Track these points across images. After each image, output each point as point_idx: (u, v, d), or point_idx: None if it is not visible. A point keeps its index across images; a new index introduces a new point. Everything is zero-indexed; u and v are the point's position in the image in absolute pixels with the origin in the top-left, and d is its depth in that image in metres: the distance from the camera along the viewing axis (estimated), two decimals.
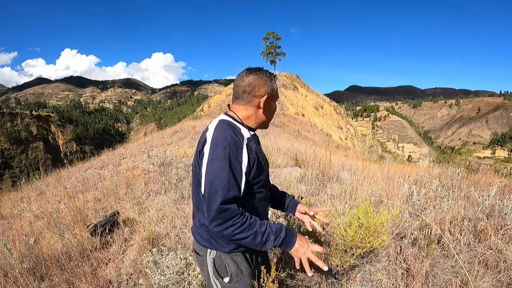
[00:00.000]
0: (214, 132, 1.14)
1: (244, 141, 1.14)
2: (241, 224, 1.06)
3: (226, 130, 1.14)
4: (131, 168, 5.95)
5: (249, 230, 1.07)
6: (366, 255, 2.08)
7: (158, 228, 3.01)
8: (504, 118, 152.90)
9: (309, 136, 17.90)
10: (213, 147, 1.10)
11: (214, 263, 1.22)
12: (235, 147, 1.10)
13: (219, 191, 1.05)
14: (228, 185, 1.05)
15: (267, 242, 1.10)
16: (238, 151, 1.11)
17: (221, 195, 1.04)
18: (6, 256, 2.61)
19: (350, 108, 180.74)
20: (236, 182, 1.08)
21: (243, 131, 1.19)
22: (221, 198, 1.04)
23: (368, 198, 2.05)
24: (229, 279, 1.22)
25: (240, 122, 1.23)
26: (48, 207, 4.46)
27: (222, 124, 1.17)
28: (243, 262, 1.23)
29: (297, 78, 46.04)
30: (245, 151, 1.13)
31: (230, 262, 1.21)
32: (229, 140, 1.10)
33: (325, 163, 4.97)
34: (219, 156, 1.08)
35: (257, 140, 1.32)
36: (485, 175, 3.92)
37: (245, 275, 1.24)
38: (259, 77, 1.22)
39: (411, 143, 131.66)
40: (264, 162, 1.27)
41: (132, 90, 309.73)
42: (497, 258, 1.99)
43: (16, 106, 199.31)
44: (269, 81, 1.23)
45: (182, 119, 37.26)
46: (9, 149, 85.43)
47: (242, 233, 1.06)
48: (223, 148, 1.08)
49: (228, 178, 1.06)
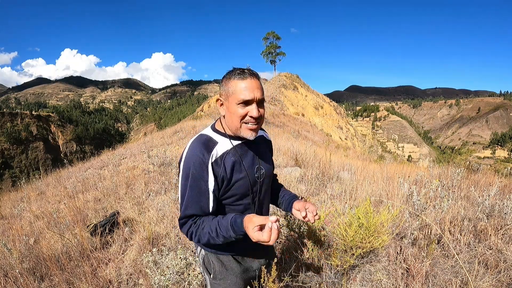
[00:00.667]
0: (187, 151, 1.15)
1: (210, 160, 1.10)
2: (195, 233, 1.11)
3: (195, 148, 1.13)
4: (131, 168, 5.94)
5: (204, 236, 1.10)
6: (366, 255, 2.08)
7: (158, 228, 3.01)
8: (504, 118, 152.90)
9: (309, 136, 17.89)
10: (183, 165, 1.14)
11: (203, 260, 1.30)
12: (199, 166, 1.10)
13: (182, 207, 1.13)
14: (187, 203, 1.11)
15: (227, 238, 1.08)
16: (203, 170, 1.10)
17: (182, 211, 1.12)
18: (6, 256, 2.61)
19: (350, 108, 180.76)
20: (196, 201, 1.11)
21: (219, 146, 1.14)
22: (181, 214, 1.13)
23: (368, 198, 2.05)
24: (213, 276, 1.27)
25: (223, 133, 1.18)
26: (48, 207, 4.46)
27: (196, 140, 1.16)
28: (230, 261, 1.27)
29: (297, 78, 46.04)
30: (211, 170, 1.10)
31: (214, 260, 1.27)
32: (193, 160, 1.10)
33: (325, 163, 4.97)
34: (184, 174, 1.12)
35: (247, 148, 1.21)
36: (485, 175, 3.92)
37: (230, 274, 1.27)
38: (222, 78, 1.14)
39: (411, 143, 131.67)
40: (245, 174, 1.18)
41: (132, 90, 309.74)
42: (497, 258, 1.99)
43: (16, 106, 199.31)
44: (226, 81, 1.12)
45: (182, 119, 37.27)
46: (9, 149, 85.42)
47: (200, 239, 1.11)
48: (187, 168, 1.11)
49: (188, 196, 1.11)
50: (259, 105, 1.13)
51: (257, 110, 1.11)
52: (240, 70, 1.11)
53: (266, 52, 48.79)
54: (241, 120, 1.12)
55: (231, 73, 1.12)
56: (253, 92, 1.09)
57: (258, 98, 1.11)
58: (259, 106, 1.13)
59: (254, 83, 1.11)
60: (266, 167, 1.29)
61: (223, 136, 1.17)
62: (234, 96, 1.10)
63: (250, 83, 1.09)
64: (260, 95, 1.12)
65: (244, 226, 1.02)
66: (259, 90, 1.12)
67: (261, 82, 1.18)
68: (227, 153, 1.15)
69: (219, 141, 1.15)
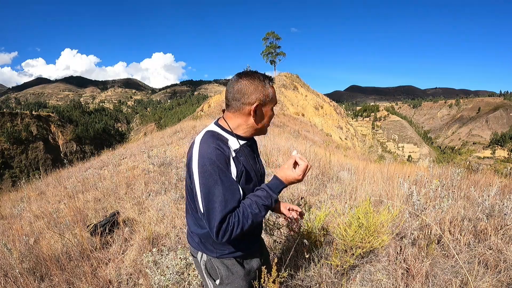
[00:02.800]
0: (199, 147, 1.09)
1: (231, 153, 1.11)
2: (238, 222, 1.05)
3: (211, 144, 1.09)
4: (131, 168, 5.95)
5: (247, 219, 1.06)
6: (366, 255, 2.08)
7: (158, 228, 3.01)
8: (504, 118, 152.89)
9: (309, 136, 17.89)
10: (201, 163, 1.06)
11: (206, 266, 1.25)
12: (223, 160, 1.07)
13: (217, 208, 1.04)
14: (224, 200, 1.04)
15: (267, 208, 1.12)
16: (227, 163, 1.08)
17: (220, 211, 1.03)
18: (6, 256, 2.60)
19: (350, 108, 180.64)
20: (232, 193, 1.07)
21: (230, 143, 1.14)
22: (221, 214, 1.03)
23: (368, 198, 2.05)
24: (220, 281, 1.24)
25: (229, 131, 1.17)
26: (48, 207, 4.46)
27: (207, 136, 1.13)
28: (234, 265, 1.25)
29: (297, 78, 46.04)
30: (233, 163, 1.11)
31: (219, 265, 1.23)
32: (215, 153, 1.06)
33: (325, 163, 4.97)
34: (208, 172, 1.05)
35: (250, 149, 1.25)
36: (485, 175, 3.92)
37: (237, 277, 1.25)
38: (250, 82, 1.12)
39: (411, 143, 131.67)
40: (254, 173, 1.21)
41: (132, 90, 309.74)
42: (497, 258, 1.99)
43: (16, 106, 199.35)
44: (262, 86, 1.14)
45: (182, 119, 37.26)
46: (9, 149, 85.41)
47: (243, 227, 1.06)
48: (211, 164, 1.05)
49: (223, 193, 1.05)
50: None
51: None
52: (268, 77, 1.18)
53: (266, 52, 48.77)
54: (269, 121, 1.23)
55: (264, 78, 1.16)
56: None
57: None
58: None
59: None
60: (263, 166, 1.35)
61: (231, 134, 1.17)
62: (272, 101, 1.18)
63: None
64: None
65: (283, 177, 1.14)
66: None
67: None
68: (237, 151, 1.16)
69: (229, 139, 1.16)
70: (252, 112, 1.14)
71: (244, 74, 1.14)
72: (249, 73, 1.15)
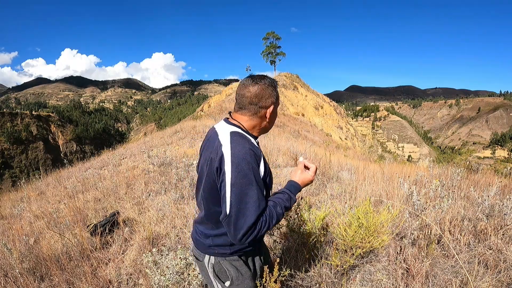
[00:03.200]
0: (232, 147, 1.10)
1: (261, 154, 1.17)
2: (265, 222, 1.09)
3: (244, 144, 1.13)
4: (131, 168, 5.95)
5: (272, 220, 1.11)
6: (366, 255, 2.08)
7: (158, 228, 3.01)
8: (504, 118, 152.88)
9: (309, 136, 17.89)
10: (236, 163, 1.07)
11: (214, 269, 1.26)
12: (256, 161, 1.12)
13: (250, 208, 1.05)
14: (258, 201, 1.07)
15: (288, 209, 1.19)
16: (259, 163, 1.13)
17: (254, 212, 1.05)
18: (6, 256, 2.60)
19: (350, 108, 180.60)
20: (263, 194, 1.11)
21: (253, 142, 1.21)
22: (255, 215, 1.05)
23: (368, 198, 2.05)
24: (230, 283, 1.25)
25: (246, 131, 1.23)
26: (48, 207, 4.46)
27: (237, 137, 1.15)
28: (242, 266, 1.26)
29: (297, 78, 46.05)
30: (263, 163, 1.16)
31: (229, 267, 1.24)
32: (250, 154, 1.10)
33: (325, 163, 4.97)
34: (244, 172, 1.06)
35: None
36: (485, 175, 3.92)
37: (246, 278, 1.27)
38: (265, 87, 1.19)
39: (411, 143, 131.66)
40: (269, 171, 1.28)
41: (132, 90, 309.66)
42: (497, 258, 1.99)
43: (16, 106, 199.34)
44: (274, 91, 1.22)
45: (182, 119, 37.26)
46: (9, 149, 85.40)
47: (269, 226, 1.10)
48: (246, 164, 1.08)
49: (257, 194, 1.07)
50: None
51: None
52: (275, 80, 1.26)
53: (266, 52, 48.78)
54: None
55: (273, 82, 1.23)
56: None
57: None
58: None
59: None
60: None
61: (249, 134, 1.23)
62: (278, 102, 1.28)
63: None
64: None
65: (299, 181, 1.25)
66: None
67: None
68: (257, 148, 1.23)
69: (251, 139, 1.22)
70: (267, 114, 1.23)
71: (258, 78, 1.20)
72: (261, 77, 1.22)
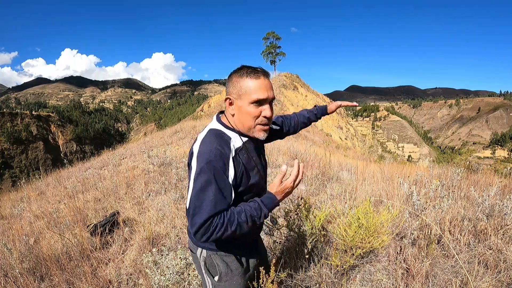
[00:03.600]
0: (200, 145, 1.08)
1: (231, 154, 1.08)
2: (222, 224, 1.02)
3: (212, 143, 1.07)
4: (131, 168, 5.95)
5: (231, 225, 1.03)
6: (366, 255, 2.08)
7: (158, 228, 3.01)
8: (504, 118, 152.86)
9: (309, 136, 17.88)
10: (199, 161, 1.05)
11: (205, 262, 1.24)
12: (221, 160, 1.05)
13: (205, 205, 1.01)
14: (214, 200, 1.02)
15: (255, 222, 1.07)
16: (225, 164, 1.05)
17: (208, 211, 1.01)
18: (6, 256, 2.60)
19: (350, 108, 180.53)
20: (223, 196, 1.04)
21: (233, 141, 1.12)
22: (208, 213, 1.01)
23: (368, 198, 2.05)
24: (219, 278, 1.23)
25: (232, 128, 1.15)
26: (48, 207, 4.46)
27: (210, 134, 1.11)
28: (233, 262, 1.24)
29: (297, 78, 46.03)
30: (232, 164, 1.07)
31: (219, 262, 1.22)
32: (215, 153, 1.04)
33: (325, 163, 4.97)
34: (204, 170, 1.03)
35: (253, 147, 1.21)
36: (485, 175, 3.92)
37: (235, 275, 1.24)
38: (230, 77, 1.11)
39: (411, 143, 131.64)
40: (257, 170, 1.19)
41: (132, 90, 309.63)
42: (497, 258, 1.99)
43: (16, 106, 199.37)
44: (236, 79, 1.09)
45: (182, 119, 37.24)
46: (9, 149, 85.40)
47: (225, 232, 1.03)
48: (208, 162, 1.03)
49: (215, 193, 1.02)
50: (271, 105, 1.13)
51: (270, 110, 1.11)
52: (253, 68, 1.09)
53: (266, 52, 48.80)
54: (255, 120, 1.11)
55: (242, 71, 1.09)
56: (267, 92, 1.08)
57: (272, 97, 1.11)
58: (270, 106, 1.13)
59: (267, 82, 1.09)
60: (266, 163, 1.33)
61: (233, 131, 1.15)
62: (247, 96, 1.07)
63: (264, 82, 1.08)
64: (273, 94, 1.12)
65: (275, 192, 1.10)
66: (271, 90, 1.11)
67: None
68: (240, 149, 1.13)
69: (232, 137, 1.13)
70: (228, 103, 1.13)
71: (235, 69, 1.13)
72: (239, 67, 1.12)
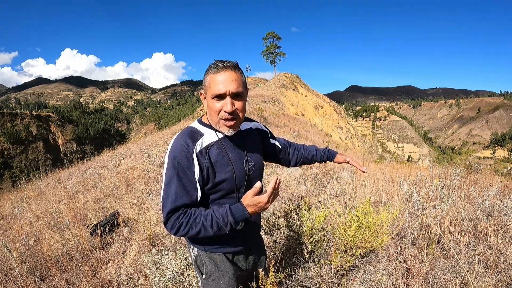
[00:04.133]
0: (171, 143, 1.14)
1: (194, 150, 1.10)
2: (186, 223, 1.06)
3: (180, 139, 1.12)
4: (131, 168, 5.95)
5: (196, 226, 1.06)
6: (366, 255, 2.08)
7: (158, 228, 3.01)
8: (504, 118, 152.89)
9: (309, 136, 17.88)
10: (168, 157, 1.12)
11: (196, 260, 1.26)
12: (185, 156, 1.09)
13: (169, 199, 1.07)
14: (176, 194, 1.06)
15: (221, 229, 1.08)
16: (188, 159, 1.09)
17: (170, 203, 1.06)
18: (6, 256, 2.61)
19: (350, 108, 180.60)
20: (186, 190, 1.08)
21: (205, 138, 1.14)
22: (170, 206, 1.06)
23: (368, 198, 2.05)
24: (205, 277, 1.24)
25: (209, 125, 1.18)
26: (48, 207, 4.46)
27: (182, 132, 1.16)
28: (223, 261, 1.23)
29: (297, 78, 46.03)
30: (196, 159, 1.09)
31: (207, 260, 1.23)
32: (179, 150, 1.09)
33: (325, 163, 4.97)
34: (169, 165, 1.10)
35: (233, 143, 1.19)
36: (485, 175, 3.92)
37: (223, 275, 1.23)
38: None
39: (411, 143, 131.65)
40: (230, 169, 1.15)
41: (132, 90, 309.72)
42: (497, 258, 1.99)
43: (16, 106, 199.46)
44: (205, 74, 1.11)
45: (182, 119, 37.25)
46: (9, 149, 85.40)
47: (190, 230, 1.06)
48: (173, 159, 1.09)
49: (177, 187, 1.07)
50: (235, 99, 1.09)
51: (230, 104, 1.07)
52: (215, 63, 1.08)
53: (266, 52, 48.85)
54: (218, 115, 1.10)
55: (211, 66, 1.09)
56: (226, 86, 1.05)
57: (232, 91, 1.06)
58: (235, 100, 1.09)
59: (229, 75, 1.05)
60: (256, 159, 1.26)
61: (209, 128, 1.17)
62: (209, 90, 1.08)
63: (224, 76, 1.05)
64: (235, 88, 1.06)
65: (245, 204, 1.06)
66: (233, 83, 1.06)
67: (241, 73, 1.12)
68: (212, 144, 1.14)
69: (205, 133, 1.15)
70: (202, 98, 1.17)
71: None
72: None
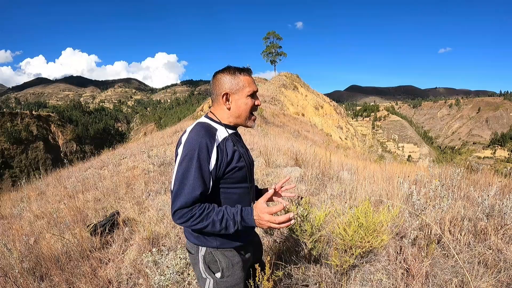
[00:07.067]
0: (189, 135, 1.20)
1: (215, 143, 1.19)
2: (199, 215, 1.12)
3: (199, 132, 1.19)
4: (131, 168, 5.95)
5: (206, 219, 1.12)
6: (365, 255, 2.08)
7: (158, 228, 3.01)
8: (504, 118, 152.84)
9: (309, 136, 17.89)
10: (186, 148, 1.17)
11: (204, 260, 1.26)
12: (206, 149, 1.16)
13: (185, 189, 1.13)
14: (193, 185, 1.13)
15: (228, 227, 1.14)
16: (208, 153, 1.16)
17: (187, 193, 1.12)
18: (6, 256, 2.61)
19: (350, 108, 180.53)
20: (204, 181, 1.15)
21: (219, 132, 1.24)
22: (187, 196, 1.12)
23: (368, 198, 2.05)
24: (221, 274, 1.25)
25: (218, 122, 1.28)
26: (48, 207, 4.46)
27: (197, 126, 1.23)
28: (235, 256, 1.27)
29: (297, 78, 46.00)
30: (215, 152, 1.18)
31: (221, 257, 1.25)
32: (199, 142, 1.15)
33: (325, 163, 4.97)
34: (189, 157, 1.15)
35: (239, 138, 1.35)
36: (485, 175, 3.92)
37: (237, 268, 1.27)
38: (221, 75, 1.27)
39: (411, 143, 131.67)
40: (244, 158, 1.28)
41: (132, 90, 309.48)
42: (497, 258, 1.99)
43: (16, 106, 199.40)
44: (230, 77, 1.26)
45: (182, 119, 37.26)
46: (9, 149, 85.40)
47: (200, 223, 1.12)
48: (192, 150, 1.15)
49: (195, 178, 1.13)
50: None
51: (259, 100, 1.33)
52: (245, 68, 1.29)
53: (266, 52, 48.80)
54: (251, 111, 1.30)
55: (234, 69, 1.27)
56: (255, 86, 1.31)
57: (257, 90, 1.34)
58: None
59: (252, 77, 1.32)
60: (251, 156, 1.41)
61: (219, 124, 1.28)
62: (244, 89, 1.27)
63: (252, 78, 1.31)
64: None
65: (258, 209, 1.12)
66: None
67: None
68: (226, 139, 1.24)
69: (218, 129, 1.25)
70: (224, 101, 1.27)
71: (220, 69, 1.29)
72: (224, 68, 1.30)
